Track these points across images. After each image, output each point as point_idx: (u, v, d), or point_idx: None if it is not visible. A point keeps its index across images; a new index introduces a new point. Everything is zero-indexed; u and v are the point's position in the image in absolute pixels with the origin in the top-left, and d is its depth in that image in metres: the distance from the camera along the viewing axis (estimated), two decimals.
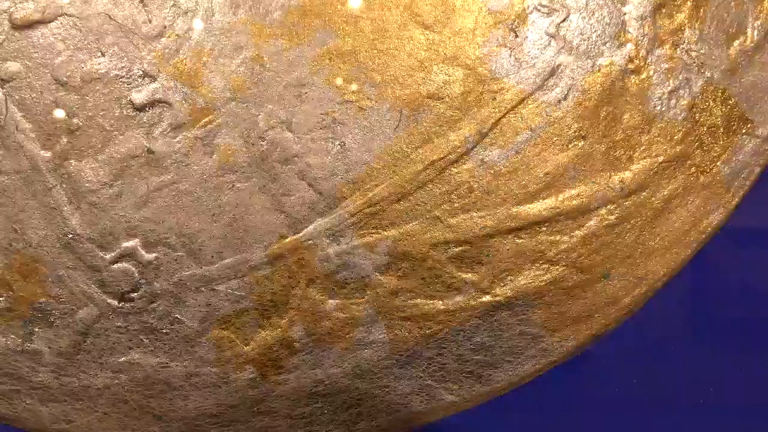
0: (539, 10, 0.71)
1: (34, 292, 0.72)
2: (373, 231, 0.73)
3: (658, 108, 0.72)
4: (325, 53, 0.71)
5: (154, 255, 0.72)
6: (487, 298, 0.73)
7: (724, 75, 0.72)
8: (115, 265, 0.72)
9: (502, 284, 0.73)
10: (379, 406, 0.76)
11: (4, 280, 0.72)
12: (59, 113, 0.71)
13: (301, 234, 0.72)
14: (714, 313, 1.04)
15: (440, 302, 0.73)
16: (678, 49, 0.72)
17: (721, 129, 0.72)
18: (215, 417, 0.76)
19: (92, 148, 0.71)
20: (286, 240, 0.72)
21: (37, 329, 0.73)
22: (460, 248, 0.72)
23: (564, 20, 0.71)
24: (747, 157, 0.73)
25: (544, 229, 0.73)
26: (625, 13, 0.72)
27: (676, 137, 0.72)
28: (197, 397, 0.75)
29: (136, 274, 0.72)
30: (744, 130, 0.73)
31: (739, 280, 1.01)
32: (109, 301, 0.72)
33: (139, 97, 0.71)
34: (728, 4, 0.72)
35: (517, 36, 0.72)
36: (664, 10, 0.72)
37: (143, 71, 0.71)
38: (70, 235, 0.72)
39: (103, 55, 0.71)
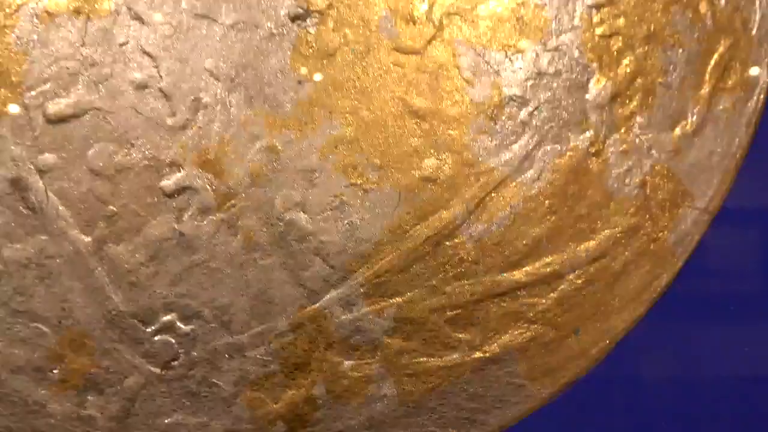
0: (514, 101, 0.79)
1: (85, 364, 0.76)
2: (380, 299, 0.79)
3: (615, 185, 0.80)
4: (331, 142, 0.78)
5: (190, 327, 0.77)
6: (478, 354, 0.80)
7: (669, 156, 0.80)
8: (157, 337, 0.77)
9: (490, 342, 0.80)
10: None
11: (58, 354, 0.76)
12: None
13: (318, 304, 0.78)
14: None
15: (439, 359, 0.79)
16: (631, 134, 0.80)
17: (668, 203, 0.80)
18: None
19: (128, 232, 0.76)
20: (306, 310, 0.78)
21: (89, 397, 0.77)
22: (454, 312, 0.79)
23: (535, 110, 0.79)
24: (689, 227, 0.81)
25: (524, 293, 0.80)
26: (586, 103, 0.79)
27: (630, 210, 0.80)
28: None
29: (176, 345, 0.77)
30: (686, 203, 0.81)
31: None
32: (152, 369, 0.77)
33: (168, 184, 0.77)
34: (672, 93, 0.80)
35: (496, 124, 0.80)
36: (619, 100, 0.80)
37: (170, 160, 0.77)
38: (114, 312, 0.76)
39: (132, 146, 0.77)
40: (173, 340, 0.77)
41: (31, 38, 0.75)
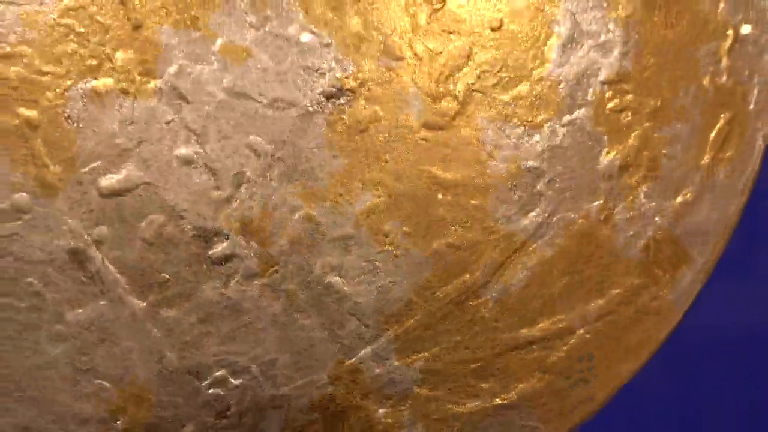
0: (532, 172, 0.83)
1: (146, 415, 0.81)
2: (410, 354, 0.84)
3: (622, 249, 0.85)
4: (364, 211, 0.82)
5: (240, 381, 0.82)
6: (498, 401, 0.85)
7: (670, 221, 0.85)
8: (210, 390, 0.82)
9: (509, 390, 0.85)
10: None
11: (120, 407, 0.80)
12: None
13: (354, 359, 0.83)
14: None
15: (463, 406, 0.84)
16: (637, 202, 0.84)
17: (669, 264, 0.85)
18: None
19: (180, 297, 0.80)
20: (343, 364, 0.83)
21: None
22: (477, 364, 0.84)
23: (551, 180, 0.83)
24: (687, 286, 0.86)
25: (539, 346, 0.84)
26: (597, 173, 0.83)
27: (635, 272, 0.85)
28: None
29: (227, 397, 0.82)
30: (685, 265, 0.86)
31: None
32: (207, 419, 0.82)
33: (215, 253, 0.80)
34: (676, 164, 0.84)
35: (515, 194, 0.83)
36: (627, 170, 0.84)
37: (217, 231, 0.80)
38: (170, 369, 0.81)
39: (181, 218, 0.80)
40: (225, 393, 0.82)
41: (82, 117, 0.78)
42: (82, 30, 0.78)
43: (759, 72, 0.85)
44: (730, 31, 0.85)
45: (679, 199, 0.85)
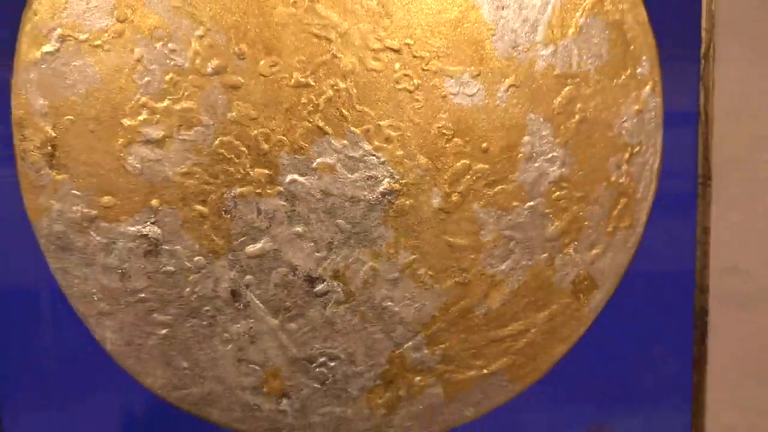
0: (505, 238, 1.13)
1: (280, 384, 1.07)
2: (434, 345, 1.09)
3: (558, 282, 1.14)
4: (406, 263, 1.10)
5: (334, 363, 1.11)
6: (485, 371, 1.08)
7: (587, 265, 1.11)
8: (317, 369, 1.09)
9: (491, 365, 1.10)
10: None
11: (265, 379, 1.04)
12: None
13: (400, 350, 1.09)
14: None
15: (464, 375, 1.08)
16: (568, 254, 1.14)
17: (586, 290, 1.14)
18: None
19: (297, 317, 1.06)
20: (395, 353, 1.09)
21: (283, 400, 1.14)
22: (473, 351, 1.05)
23: (518, 243, 1.13)
24: (596, 303, 1.11)
25: (510, 340, 1.15)
26: (546, 238, 1.15)
27: (566, 295, 1.10)
28: None
29: (327, 373, 1.13)
30: (595, 291, 1.17)
31: None
32: (315, 385, 1.11)
33: (317, 290, 1.10)
34: (592, 231, 1.10)
35: (496, 250, 1.13)
36: (563, 236, 1.14)
37: (317, 277, 1.09)
38: (293, 357, 1.06)
39: (296, 269, 1.07)
40: (326, 371, 1.14)
41: (233, 210, 1.04)
42: (232, 156, 1.08)
43: (643, 174, 1.20)
44: (629, 149, 1.19)
45: (593, 252, 1.14)
